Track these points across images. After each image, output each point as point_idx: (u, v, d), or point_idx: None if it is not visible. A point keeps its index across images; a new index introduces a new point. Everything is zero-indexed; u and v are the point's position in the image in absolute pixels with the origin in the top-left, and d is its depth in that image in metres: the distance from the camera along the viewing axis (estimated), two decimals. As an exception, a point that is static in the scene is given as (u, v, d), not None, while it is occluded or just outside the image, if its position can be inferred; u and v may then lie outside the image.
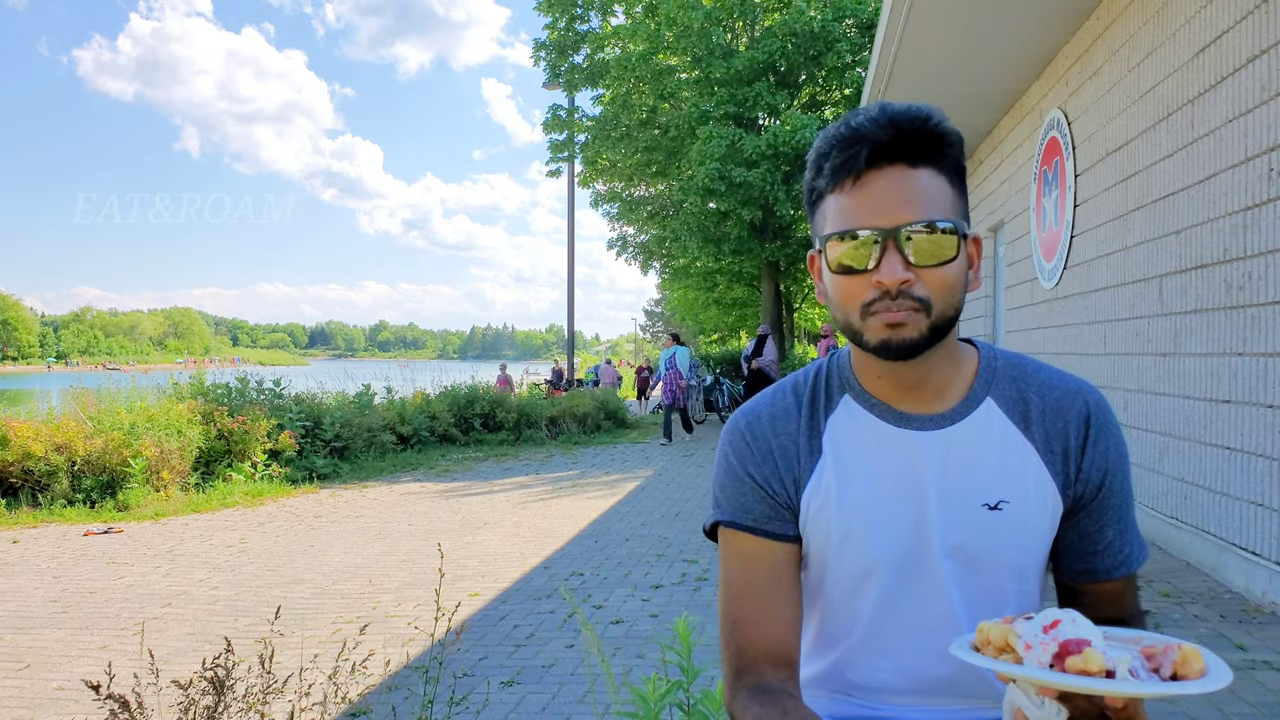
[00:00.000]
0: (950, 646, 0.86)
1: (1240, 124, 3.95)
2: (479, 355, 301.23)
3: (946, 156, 0.96)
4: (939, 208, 0.94)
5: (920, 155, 0.94)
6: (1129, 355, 5.30)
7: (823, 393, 1.09)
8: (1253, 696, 2.82)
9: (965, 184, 1.00)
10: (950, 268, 0.94)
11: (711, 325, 32.83)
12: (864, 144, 0.93)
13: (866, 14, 15.96)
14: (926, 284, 0.93)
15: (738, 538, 1.08)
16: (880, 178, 0.94)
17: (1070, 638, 0.76)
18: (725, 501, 1.09)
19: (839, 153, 0.95)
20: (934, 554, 1.02)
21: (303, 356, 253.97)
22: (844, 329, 1.00)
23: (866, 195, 0.94)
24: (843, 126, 0.96)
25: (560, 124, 19.67)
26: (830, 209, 0.97)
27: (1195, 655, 0.77)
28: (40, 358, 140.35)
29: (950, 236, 0.93)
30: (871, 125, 0.93)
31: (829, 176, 0.97)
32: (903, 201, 0.93)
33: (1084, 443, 1.03)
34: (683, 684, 1.56)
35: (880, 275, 0.92)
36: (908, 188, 0.93)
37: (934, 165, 0.95)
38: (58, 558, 5.80)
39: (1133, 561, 1.06)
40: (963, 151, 0.99)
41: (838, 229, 0.95)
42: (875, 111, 0.94)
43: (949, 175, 0.96)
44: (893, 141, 0.93)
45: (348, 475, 9.73)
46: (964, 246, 0.96)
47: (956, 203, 0.97)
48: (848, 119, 0.96)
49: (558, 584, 4.84)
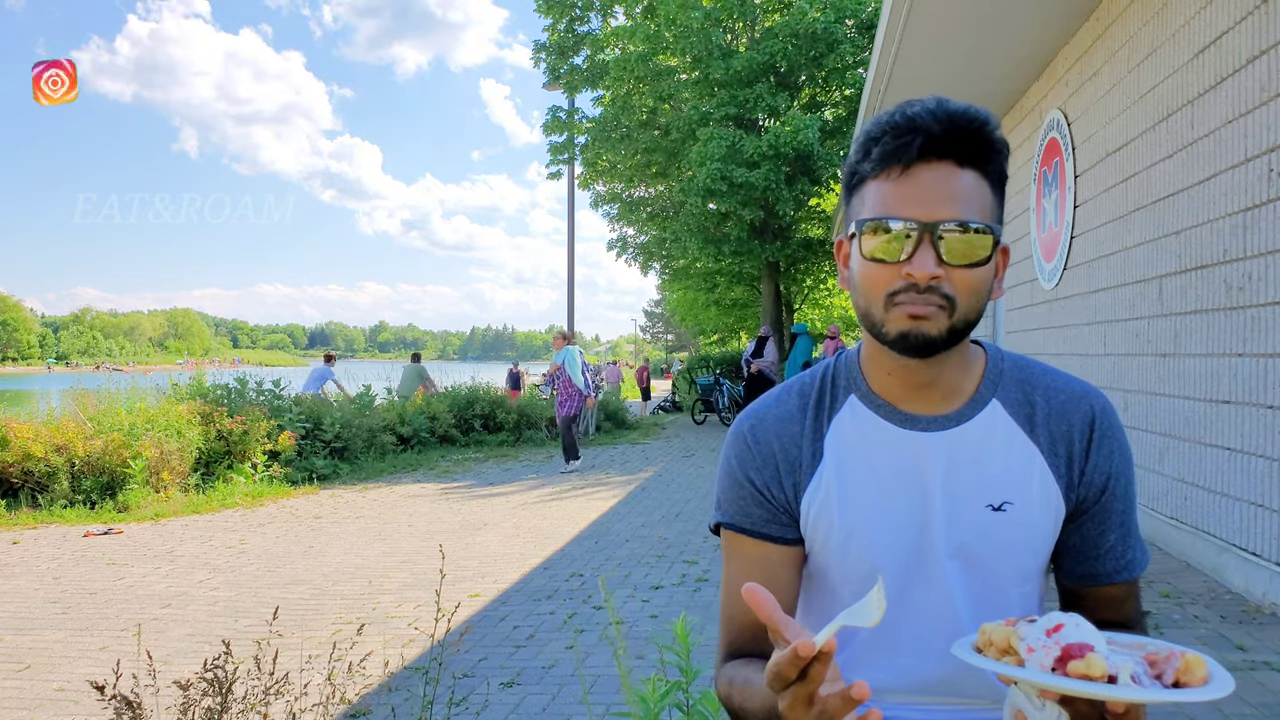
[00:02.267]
0: (952, 647, 0.86)
1: (1240, 124, 3.95)
2: (479, 356, 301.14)
3: (993, 163, 0.96)
4: (978, 210, 0.94)
5: (969, 156, 0.94)
6: (1129, 356, 5.30)
7: (828, 394, 1.09)
8: (1253, 697, 2.82)
9: (1004, 194, 1.00)
10: (980, 271, 0.94)
11: (711, 326, 32.80)
12: (918, 134, 0.92)
13: (866, 14, 15.96)
14: (955, 283, 0.93)
15: (738, 540, 1.09)
16: (927, 171, 0.93)
17: (1073, 642, 0.76)
18: (726, 504, 1.10)
19: (891, 139, 0.94)
20: (937, 555, 1.02)
21: (303, 357, 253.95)
22: (863, 318, 0.99)
23: (911, 186, 0.93)
24: (898, 114, 0.94)
25: (560, 125, 19.67)
26: (871, 194, 0.97)
27: (1198, 663, 0.77)
28: (40, 359, 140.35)
29: (985, 239, 0.93)
30: (928, 117, 0.93)
31: (876, 161, 0.95)
32: (945, 198, 0.92)
33: (1088, 446, 1.04)
34: (681, 684, 1.56)
35: (912, 268, 0.92)
36: (952, 185, 0.93)
37: (980, 169, 0.95)
38: (58, 559, 5.80)
39: (1135, 566, 1.06)
40: (1007, 161, 0.99)
41: (876, 215, 0.95)
42: (933, 104, 0.94)
43: (992, 182, 0.96)
44: (946, 137, 0.92)
45: (348, 476, 9.73)
46: (996, 252, 0.96)
47: (995, 210, 0.97)
48: (903, 107, 0.95)
49: (558, 585, 4.84)
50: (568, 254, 20.98)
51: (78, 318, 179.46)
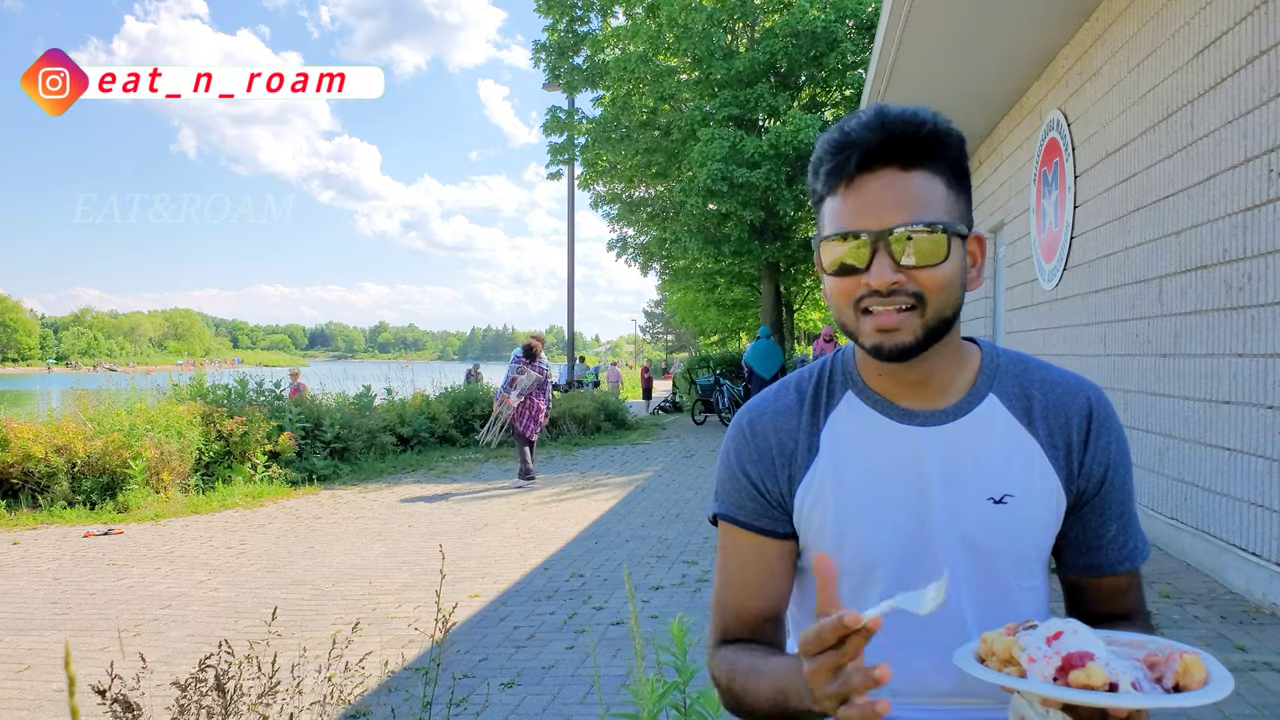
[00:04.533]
0: (954, 657, 0.87)
1: (1240, 125, 3.95)
2: (479, 356, 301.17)
3: (941, 158, 0.97)
4: (931, 210, 0.95)
5: (913, 158, 0.95)
6: (1129, 356, 5.30)
7: (825, 389, 1.11)
8: (1253, 697, 2.82)
9: (968, 184, 1.01)
10: (942, 268, 0.95)
11: (711, 326, 32.84)
12: (854, 149, 0.95)
13: (866, 14, 15.96)
14: (920, 282, 0.95)
15: (733, 531, 1.11)
16: (873, 180, 0.96)
17: (1074, 650, 0.78)
18: (723, 495, 1.12)
19: (831, 158, 0.98)
20: (938, 548, 1.03)
21: (303, 358, 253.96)
22: (844, 330, 1.02)
23: (858, 198, 0.96)
24: (836, 132, 0.98)
25: (560, 126, 19.66)
26: (827, 212, 1.00)
27: (1197, 664, 0.78)
28: (40, 359, 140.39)
29: (940, 237, 0.94)
30: (863, 130, 0.95)
31: (824, 180, 0.99)
32: (894, 204, 0.94)
33: (1086, 438, 1.05)
34: (679, 685, 1.56)
35: (869, 277, 0.94)
36: (899, 190, 0.95)
37: (928, 168, 0.96)
38: (58, 559, 5.80)
39: (1136, 556, 1.08)
40: (963, 152, 0.99)
41: (831, 231, 0.98)
42: (869, 116, 0.96)
43: (945, 177, 0.97)
44: (884, 145, 0.95)
45: (348, 476, 9.73)
46: (957, 247, 0.97)
47: (954, 204, 0.98)
48: (842, 124, 0.98)
49: (558, 585, 4.84)
50: (567, 254, 20.99)
51: (78, 318, 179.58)
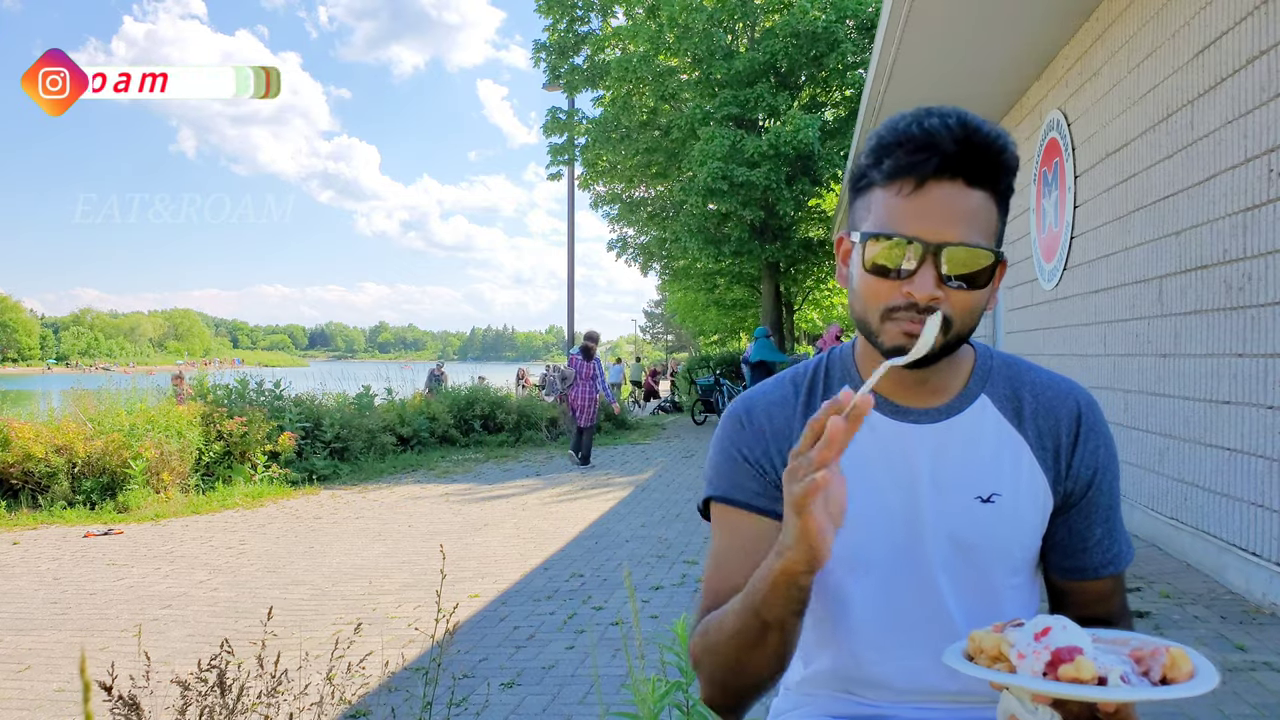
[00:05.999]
0: (944, 656, 0.88)
1: (1240, 125, 3.95)
2: (479, 356, 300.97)
3: (1003, 184, 0.96)
4: (983, 232, 0.94)
5: (981, 177, 0.93)
6: (1129, 356, 5.30)
7: (821, 383, 1.12)
8: (1253, 697, 2.81)
9: (1009, 209, 1.00)
10: (979, 292, 0.95)
11: (711, 326, 32.82)
12: (935, 153, 0.91)
13: (866, 14, 15.96)
14: (953, 304, 0.93)
15: (727, 512, 1.10)
16: (939, 189, 0.92)
17: (1062, 645, 0.79)
18: (716, 478, 1.12)
19: (905, 154, 0.92)
20: (926, 545, 1.04)
21: (303, 358, 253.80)
22: (859, 323, 1.00)
23: (920, 203, 0.92)
24: (915, 125, 0.92)
25: (560, 126, 19.66)
26: (878, 203, 0.95)
27: (1183, 658, 0.80)
28: (40, 359, 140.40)
29: (987, 261, 0.94)
30: (946, 134, 0.91)
31: (888, 173, 0.94)
32: (953, 219, 0.92)
33: (1075, 440, 1.06)
34: (681, 685, 1.56)
35: (913, 287, 0.92)
36: (961, 206, 0.92)
37: (990, 190, 0.94)
38: (58, 559, 5.80)
39: (1120, 560, 1.09)
40: (1015, 177, 0.98)
41: (882, 229, 0.94)
42: (954, 120, 0.91)
43: (999, 201, 0.96)
44: (964, 157, 0.91)
45: (348, 476, 9.73)
46: (996, 273, 0.96)
47: (999, 228, 0.97)
48: (921, 118, 0.92)
49: (558, 585, 4.84)
50: (568, 254, 20.96)
51: (78, 318, 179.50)
